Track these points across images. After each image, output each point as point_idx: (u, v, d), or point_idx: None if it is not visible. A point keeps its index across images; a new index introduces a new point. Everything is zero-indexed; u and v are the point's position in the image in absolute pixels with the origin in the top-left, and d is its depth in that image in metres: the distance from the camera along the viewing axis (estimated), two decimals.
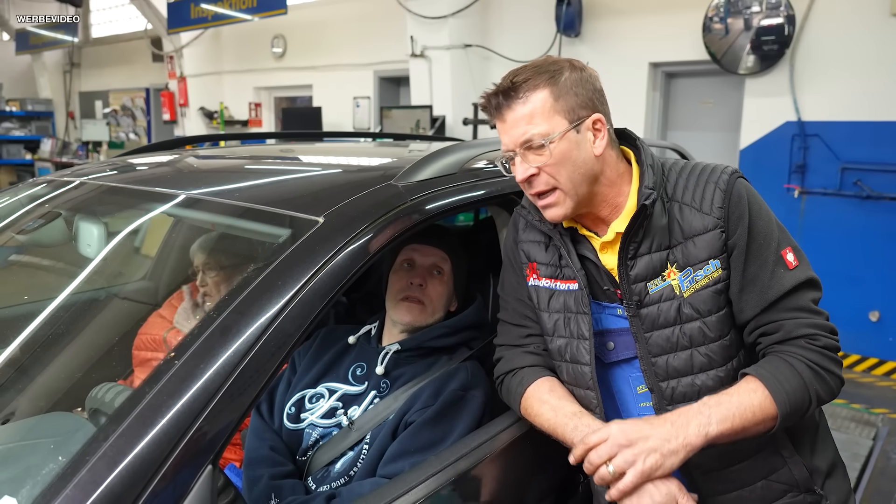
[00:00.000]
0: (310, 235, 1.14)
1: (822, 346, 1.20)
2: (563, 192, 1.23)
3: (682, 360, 1.24)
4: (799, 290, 1.22)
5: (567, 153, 1.21)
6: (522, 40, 6.19)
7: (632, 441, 1.10)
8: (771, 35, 4.91)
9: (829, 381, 1.19)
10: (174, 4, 8.20)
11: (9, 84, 12.68)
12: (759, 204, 1.24)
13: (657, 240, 1.24)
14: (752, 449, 1.27)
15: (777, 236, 1.23)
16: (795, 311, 1.21)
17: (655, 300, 1.24)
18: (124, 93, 11.20)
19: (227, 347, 0.94)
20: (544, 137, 1.20)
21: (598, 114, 1.23)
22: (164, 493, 0.82)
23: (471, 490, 1.26)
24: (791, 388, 1.15)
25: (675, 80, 5.87)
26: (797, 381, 1.16)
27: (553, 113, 1.20)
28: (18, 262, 1.76)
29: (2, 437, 1.13)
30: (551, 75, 1.21)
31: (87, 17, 12.13)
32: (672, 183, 1.27)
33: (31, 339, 1.46)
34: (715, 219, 1.21)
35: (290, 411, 1.62)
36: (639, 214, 1.21)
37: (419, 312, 1.63)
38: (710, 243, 1.21)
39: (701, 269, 1.22)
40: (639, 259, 1.25)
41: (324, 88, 8.30)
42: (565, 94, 1.21)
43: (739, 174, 1.26)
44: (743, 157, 5.26)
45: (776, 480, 1.28)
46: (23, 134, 12.26)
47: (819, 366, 1.18)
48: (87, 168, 1.85)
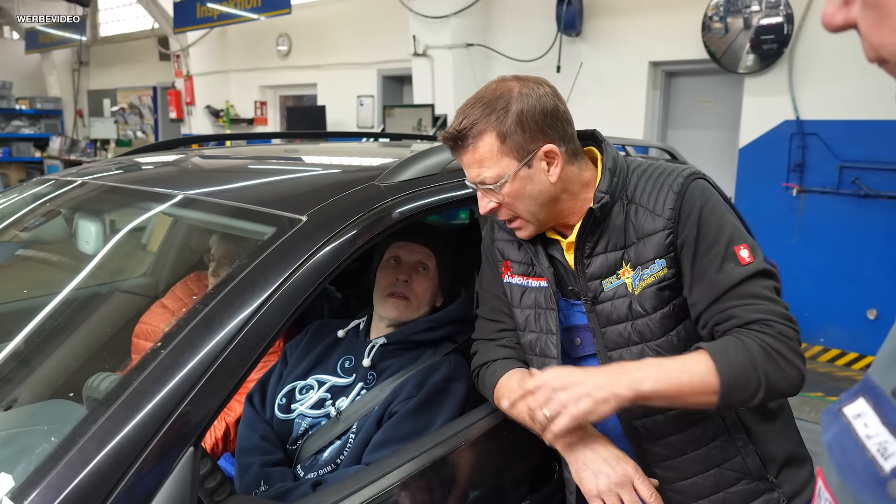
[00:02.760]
0: (293, 233, 1.20)
1: (777, 332, 1.17)
2: (524, 220, 1.30)
3: (634, 355, 1.28)
4: (750, 280, 1.21)
5: (521, 190, 1.25)
6: (524, 39, 6.24)
7: (566, 385, 1.13)
8: (770, 34, 4.93)
9: (782, 366, 1.16)
10: (180, 4, 8.28)
11: (19, 82, 12.80)
12: (712, 203, 1.25)
13: (613, 240, 1.29)
14: (706, 438, 1.31)
15: (729, 234, 1.23)
16: (748, 298, 1.20)
17: (609, 297, 1.29)
18: (132, 91, 11.30)
19: (210, 338, 1.01)
20: (495, 181, 1.24)
21: (548, 144, 1.23)
22: (148, 472, 0.88)
23: (446, 475, 1.32)
24: (737, 364, 1.13)
25: (675, 79, 5.90)
26: (745, 358, 1.14)
27: (501, 156, 1.23)
28: (22, 257, 1.83)
29: (2, 423, 1.20)
30: (497, 116, 1.21)
31: (95, 17, 12.24)
32: (632, 185, 1.30)
33: (34, 331, 1.53)
34: (665, 220, 1.24)
35: (280, 402, 1.68)
36: (587, 218, 1.27)
37: (405, 308, 1.69)
38: (657, 243, 1.25)
39: (647, 268, 1.26)
40: (595, 258, 1.30)
41: (328, 87, 8.36)
42: (512, 134, 1.21)
43: (698, 176, 1.28)
44: (742, 155, 5.29)
45: (729, 469, 1.32)
46: (32, 132, 12.38)
47: (772, 348, 1.16)
48: (88, 168, 1.92)
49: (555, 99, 1.26)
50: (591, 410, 1.11)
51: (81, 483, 0.84)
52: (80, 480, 0.84)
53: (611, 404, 1.11)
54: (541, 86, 1.26)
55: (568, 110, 1.29)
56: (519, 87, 1.24)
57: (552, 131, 1.24)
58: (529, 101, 1.22)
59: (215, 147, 2.76)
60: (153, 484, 0.89)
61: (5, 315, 1.82)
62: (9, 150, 12.05)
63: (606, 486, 1.19)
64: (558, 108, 1.26)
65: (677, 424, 1.30)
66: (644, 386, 1.12)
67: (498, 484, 1.39)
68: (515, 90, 1.23)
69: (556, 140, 1.25)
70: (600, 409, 1.11)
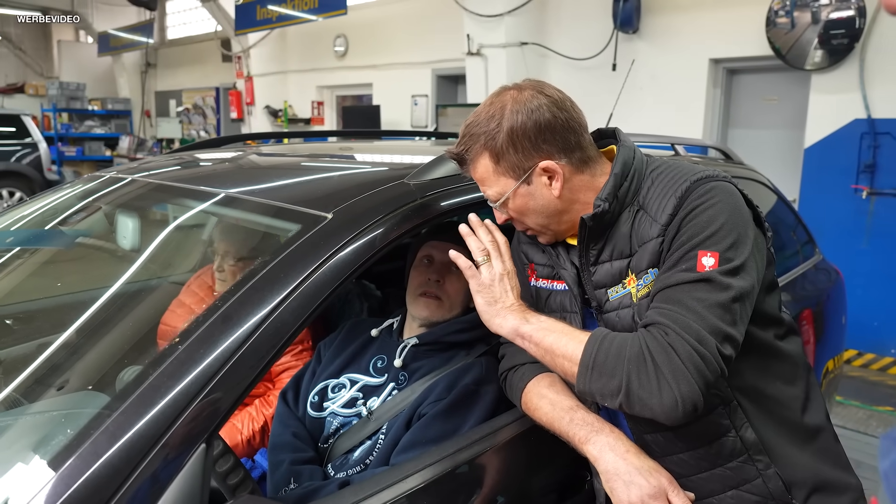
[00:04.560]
0: (317, 231, 1.19)
1: (669, 342, 1.04)
2: (537, 231, 1.30)
3: None
4: (687, 285, 1.09)
5: (524, 205, 1.25)
6: (579, 37, 6.14)
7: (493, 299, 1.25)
8: (840, 28, 4.71)
9: (652, 378, 1.04)
10: (241, 6, 8.51)
11: (91, 84, 13.43)
12: (709, 204, 1.13)
13: (618, 248, 1.23)
14: (721, 458, 1.23)
15: (705, 237, 1.11)
16: (670, 304, 1.09)
17: (615, 307, 1.23)
18: (196, 92, 11.69)
19: (227, 335, 1.00)
20: (497, 199, 1.25)
21: (545, 160, 1.20)
22: (159, 467, 0.88)
23: (470, 480, 1.28)
24: (606, 351, 1.09)
25: (736, 77, 5.69)
26: (618, 352, 1.08)
27: (498, 175, 1.23)
28: (81, 245, 1.89)
29: (41, 406, 1.22)
30: (489, 137, 1.20)
31: (163, 20, 12.71)
32: (646, 188, 1.23)
33: (85, 322, 1.56)
34: (660, 226, 1.16)
35: (313, 400, 1.68)
36: (582, 228, 1.22)
37: (436, 308, 1.66)
38: (651, 251, 1.17)
39: (642, 279, 1.19)
40: (599, 266, 1.25)
41: (383, 87, 8.44)
42: (505, 153, 1.20)
43: (712, 179, 1.18)
44: (807, 155, 5.06)
45: (748, 491, 1.23)
46: (103, 131, 12.96)
47: (650, 356, 1.05)
48: (130, 166, 1.97)
49: (554, 109, 1.19)
50: (487, 313, 1.24)
51: (92, 476, 0.85)
52: (90, 474, 0.85)
53: (504, 327, 1.22)
54: (537, 96, 1.20)
55: (575, 117, 1.23)
56: (511, 103, 1.20)
57: (549, 146, 1.20)
58: (520, 119, 1.18)
59: (258, 145, 2.80)
60: (164, 479, 0.89)
61: (60, 306, 1.89)
62: (81, 149, 12.65)
63: (639, 499, 1.13)
64: (556, 119, 1.19)
65: (687, 442, 1.22)
66: (524, 328, 1.19)
67: (525, 491, 1.35)
68: (508, 107, 1.20)
69: (556, 154, 1.21)
70: (494, 321, 1.23)
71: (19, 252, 1.78)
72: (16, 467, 0.94)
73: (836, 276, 2.99)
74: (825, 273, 2.93)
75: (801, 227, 2.97)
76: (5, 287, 1.70)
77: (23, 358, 1.47)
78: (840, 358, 3.03)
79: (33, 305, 1.74)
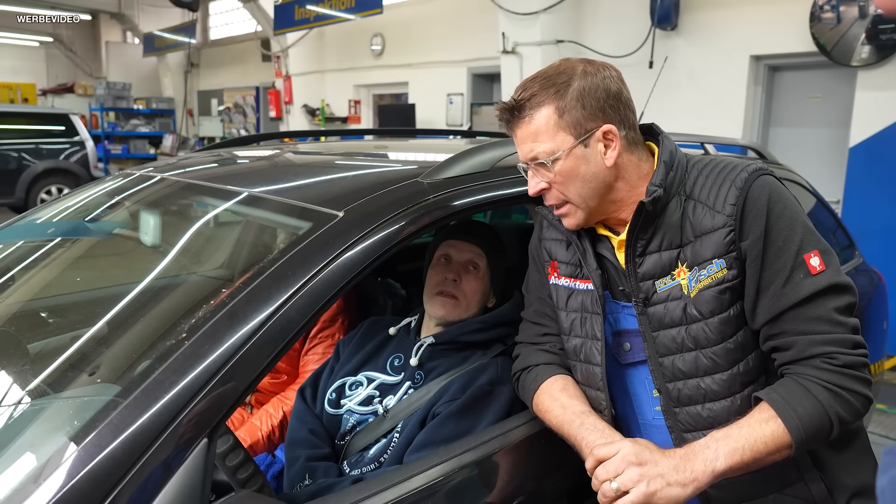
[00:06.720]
0: (327, 229, 1.19)
1: (842, 364, 1.11)
2: (574, 205, 1.24)
3: (687, 362, 1.19)
4: (817, 298, 1.13)
5: (574, 170, 1.20)
6: (616, 35, 6.05)
7: (641, 461, 1.07)
8: (890, 23, 4.54)
9: (851, 400, 1.11)
10: (280, 6, 8.64)
11: (137, 84, 13.79)
12: (782, 203, 1.15)
13: (668, 238, 1.20)
14: None
15: (801, 238, 1.14)
16: (811, 323, 1.12)
17: (663, 299, 1.21)
18: (236, 91, 11.89)
19: (233, 332, 1.01)
20: (549, 156, 1.19)
21: (608, 124, 1.18)
22: (161, 461, 0.90)
23: (479, 480, 1.27)
24: (806, 414, 1.08)
25: (778, 74, 5.54)
26: (813, 406, 1.09)
27: (557, 130, 1.18)
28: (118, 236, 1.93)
29: (69, 392, 1.24)
30: (557, 89, 1.18)
31: (205, 21, 12.98)
32: (692, 180, 1.22)
33: (116, 315, 1.59)
34: (725, 216, 1.15)
35: (330, 397, 1.69)
36: (638, 213, 1.19)
37: (452, 307, 1.65)
38: (716, 242, 1.16)
39: (705, 269, 1.17)
40: (647, 257, 1.22)
41: (419, 85, 8.46)
42: (571, 108, 1.17)
43: (764, 171, 1.18)
44: (853, 155, 4.89)
45: (790, 494, 1.22)
46: (148, 130, 13.31)
47: (838, 386, 1.10)
48: (158, 164, 2.01)
49: (619, 83, 1.22)
50: (660, 491, 1.06)
51: (94, 468, 0.86)
52: (93, 466, 0.87)
53: (688, 490, 1.07)
54: (607, 69, 1.22)
55: (631, 99, 1.24)
56: (584, 66, 1.21)
57: (613, 112, 1.20)
58: (593, 80, 1.19)
59: (295, 143, 2.83)
60: (165, 473, 0.90)
61: (91, 300, 1.93)
62: (127, 147, 13.01)
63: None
64: (622, 92, 1.21)
65: None
66: (718, 465, 1.07)
67: (535, 493, 1.33)
68: (580, 68, 1.20)
69: (617, 123, 1.20)
70: (672, 492, 1.06)
71: (36, 247, 1.82)
72: (24, 457, 0.97)
73: (877, 280, 2.88)
74: (866, 276, 2.82)
75: (841, 230, 2.87)
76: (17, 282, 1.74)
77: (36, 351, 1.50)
78: (881, 364, 2.92)
79: (42, 303, 1.78)
